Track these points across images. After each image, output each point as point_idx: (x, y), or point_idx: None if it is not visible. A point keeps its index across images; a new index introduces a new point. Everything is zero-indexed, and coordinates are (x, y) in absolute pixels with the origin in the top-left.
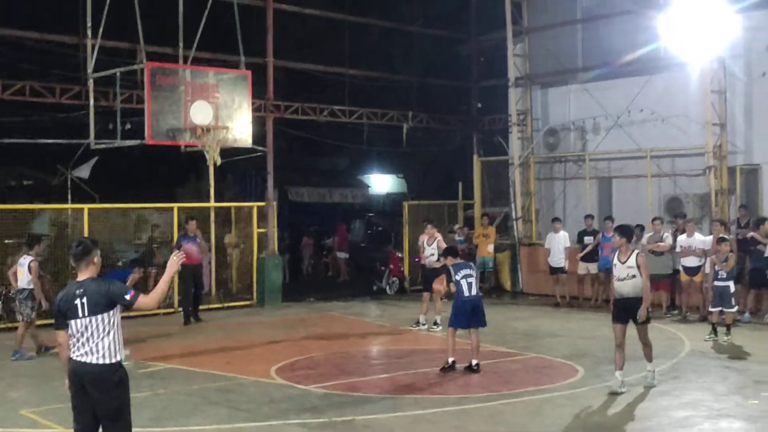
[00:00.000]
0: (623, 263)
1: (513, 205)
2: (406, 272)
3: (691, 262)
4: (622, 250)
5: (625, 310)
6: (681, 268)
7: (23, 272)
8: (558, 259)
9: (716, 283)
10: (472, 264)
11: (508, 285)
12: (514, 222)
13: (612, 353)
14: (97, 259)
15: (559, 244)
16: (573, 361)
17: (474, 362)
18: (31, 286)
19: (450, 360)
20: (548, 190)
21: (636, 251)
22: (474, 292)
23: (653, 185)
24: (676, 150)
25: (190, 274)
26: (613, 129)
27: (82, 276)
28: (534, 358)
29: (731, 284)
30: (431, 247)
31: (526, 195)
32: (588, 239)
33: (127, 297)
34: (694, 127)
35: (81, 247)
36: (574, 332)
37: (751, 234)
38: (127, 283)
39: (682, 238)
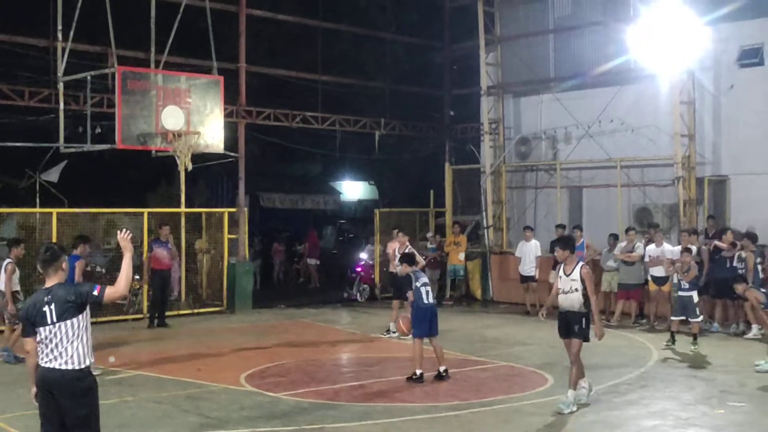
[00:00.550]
0: (567, 276)
1: (484, 213)
2: (377, 280)
3: (659, 271)
4: (567, 262)
5: (567, 324)
6: (650, 278)
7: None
8: (529, 268)
9: (679, 293)
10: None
11: (478, 293)
12: (485, 230)
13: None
14: (65, 264)
15: (530, 252)
16: (543, 370)
17: (442, 369)
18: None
19: (418, 372)
20: (520, 199)
21: (580, 263)
22: (432, 299)
23: (623, 195)
24: (646, 160)
25: (159, 279)
26: (584, 139)
27: (50, 282)
28: (504, 367)
29: (694, 294)
30: None
31: (497, 203)
32: None
33: (95, 293)
34: (664, 137)
35: (49, 252)
36: (544, 341)
37: (715, 242)
38: (76, 277)
39: (651, 248)
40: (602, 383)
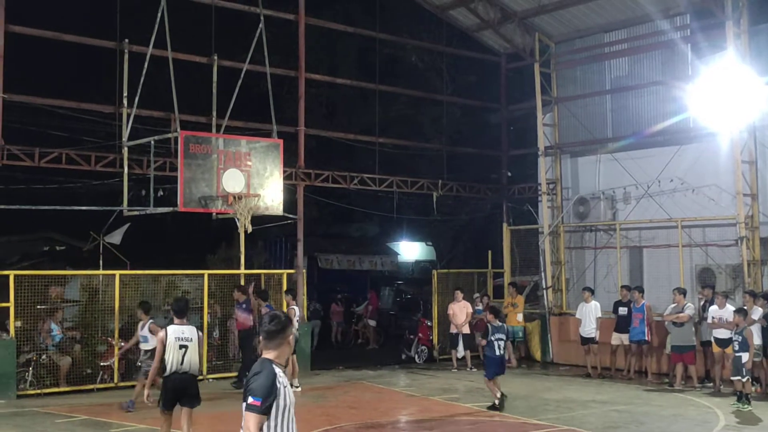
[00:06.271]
0: None
1: (543, 274)
2: (435, 341)
3: (722, 333)
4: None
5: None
6: (713, 340)
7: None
8: (589, 330)
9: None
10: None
11: (538, 355)
12: (545, 291)
13: (644, 427)
14: (292, 339)
15: (590, 314)
16: None
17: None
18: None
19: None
20: (578, 259)
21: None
22: (502, 351)
23: (684, 255)
24: (708, 220)
25: (239, 339)
26: (644, 198)
27: (266, 354)
28: (565, 431)
29: (744, 355)
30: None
31: (556, 264)
32: (622, 310)
33: (249, 400)
34: (726, 197)
35: (275, 322)
36: (606, 404)
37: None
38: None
39: (713, 310)
40: None
